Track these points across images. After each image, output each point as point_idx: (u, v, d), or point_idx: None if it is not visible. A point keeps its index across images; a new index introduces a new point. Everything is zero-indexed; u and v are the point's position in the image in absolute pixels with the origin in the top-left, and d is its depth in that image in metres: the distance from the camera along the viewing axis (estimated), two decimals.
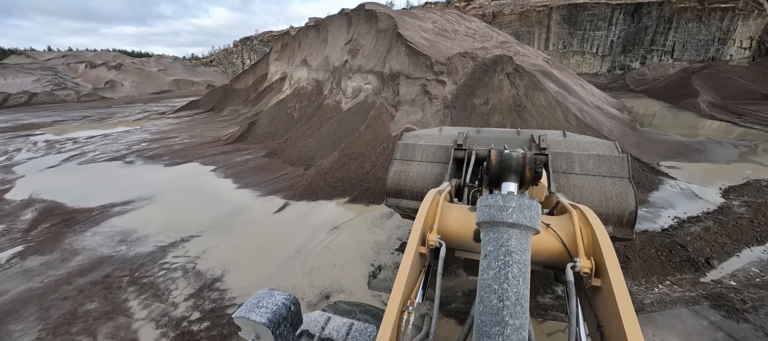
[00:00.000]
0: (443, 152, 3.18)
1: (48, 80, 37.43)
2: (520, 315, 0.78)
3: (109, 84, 38.74)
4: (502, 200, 0.93)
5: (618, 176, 2.68)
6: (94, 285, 3.90)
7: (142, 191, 6.97)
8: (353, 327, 1.23)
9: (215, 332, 3.11)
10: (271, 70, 20.34)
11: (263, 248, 4.58)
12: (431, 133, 3.58)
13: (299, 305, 1.09)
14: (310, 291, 3.64)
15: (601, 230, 1.18)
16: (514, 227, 0.90)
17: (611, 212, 2.56)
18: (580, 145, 3.02)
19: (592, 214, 1.28)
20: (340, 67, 10.97)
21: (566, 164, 2.83)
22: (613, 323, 0.95)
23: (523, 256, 0.87)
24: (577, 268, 1.10)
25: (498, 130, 3.70)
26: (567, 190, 2.70)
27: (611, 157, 2.77)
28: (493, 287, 0.82)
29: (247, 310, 1.03)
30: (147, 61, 48.84)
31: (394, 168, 3.29)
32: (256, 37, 57.76)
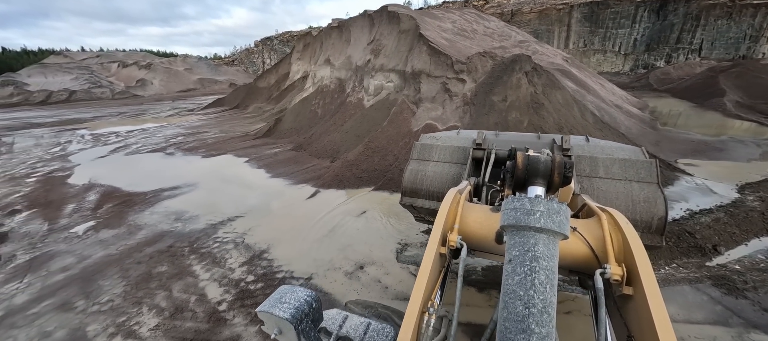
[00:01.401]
0: (461, 153, 3.15)
1: (85, 79, 40.01)
2: (547, 324, 0.75)
3: (140, 83, 40.99)
4: (530, 203, 0.90)
5: (646, 180, 2.57)
6: (161, 253, 4.56)
7: (186, 179, 7.71)
8: (371, 327, 1.21)
9: (269, 291, 3.66)
10: (293, 69, 21.13)
11: (300, 228, 5.13)
12: (449, 135, 3.53)
13: (321, 302, 1.10)
14: (346, 263, 4.15)
15: (634, 235, 1.14)
16: (541, 232, 0.87)
17: (639, 217, 2.46)
18: (604, 150, 2.87)
19: (623, 218, 1.23)
20: (363, 66, 11.48)
21: (590, 168, 2.71)
22: (646, 333, 0.92)
23: (551, 262, 0.84)
24: (607, 274, 1.06)
25: (518, 134, 3.59)
26: (591, 194, 2.60)
27: (638, 161, 2.65)
28: (519, 293, 0.79)
29: (271, 305, 1.05)
30: (174, 61, 51.25)
31: (410, 168, 3.28)
32: (276, 37, 59.30)
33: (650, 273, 1.00)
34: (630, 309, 1.05)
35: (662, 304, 0.92)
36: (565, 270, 1.32)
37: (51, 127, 17.37)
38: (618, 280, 1.07)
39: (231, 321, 3.26)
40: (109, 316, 3.39)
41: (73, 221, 5.69)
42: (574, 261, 1.24)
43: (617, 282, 1.07)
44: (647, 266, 1.02)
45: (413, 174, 3.21)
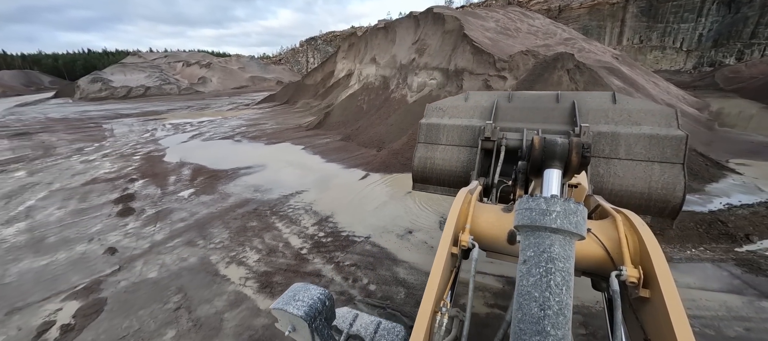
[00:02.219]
0: (470, 133, 2.94)
1: (156, 76, 45.37)
2: (563, 326, 0.74)
3: (201, 80, 45.58)
4: (545, 203, 0.88)
5: (670, 161, 2.38)
6: (249, 213, 5.74)
7: (256, 161, 9.06)
8: (381, 326, 1.21)
9: (337, 243, 4.61)
10: (338, 67, 22.50)
11: (356, 202, 6.06)
12: (456, 104, 3.25)
13: (333, 300, 1.11)
14: (396, 228, 4.97)
15: (650, 237, 1.13)
16: (557, 232, 0.85)
17: (653, 203, 2.37)
18: (631, 115, 2.61)
19: (638, 219, 1.23)
20: (407, 65, 12.27)
21: (610, 148, 2.51)
22: (664, 336, 0.91)
23: (567, 264, 0.82)
24: (623, 277, 1.05)
25: (533, 94, 3.23)
26: (605, 179, 2.47)
27: (666, 138, 2.41)
28: (534, 294, 0.79)
29: (285, 302, 1.05)
30: (229, 60, 56.07)
31: (418, 154, 3.17)
32: (319, 37, 62.13)
33: (668, 275, 0.98)
34: (646, 312, 1.03)
35: (681, 307, 0.89)
36: (578, 271, 1.29)
37: (136, 117, 20.38)
38: (634, 282, 1.05)
39: (312, 261, 4.24)
40: (223, 251, 4.55)
41: (178, 189, 7.16)
42: (588, 263, 1.22)
43: (633, 285, 1.05)
44: (665, 268, 1.00)
45: (422, 162, 3.12)
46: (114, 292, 3.77)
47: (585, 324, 3.03)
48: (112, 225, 5.48)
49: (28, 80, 76.29)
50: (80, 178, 8.18)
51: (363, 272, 3.95)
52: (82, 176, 8.30)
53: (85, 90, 40.12)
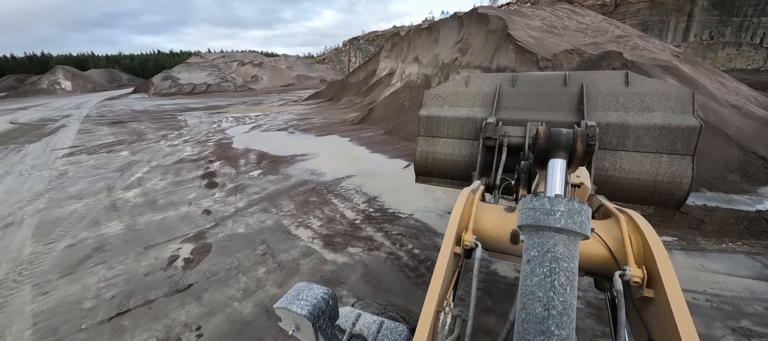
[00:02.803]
0: (471, 126, 2.86)
1: (216, 75, 50.04)
2: (567, 326, 0.74)
3: (254, 78, 49.45)
4: (550, 203, 0.87)
5: (679, 153, 2.31)
6: (309, 190, 6.72)
7: (309, 150, 10.18)
8: (384, 325, 1.21)
9: (385, 218, 5.37)
10: (380, 66, 23.42)
11: (400, 187, 6.78)
12: (457, 89, 3.15)
13: (337, 299, 1.10)
14: (438, 208, 5.60)
15: (654, 236, 1.13)
16: (561, 232, 0.84)
17: (657, 195, 2.36)
18: (644, 99, 2.47)
19: (642, 219, 1.24)
20: (449, 64, 12.73)
21: (617, 140, 2.41)
22: (668, 336, 0.91)
23: (572, 263, 0.81)
24: (627, 277, 1.05)
25: (538, 75, 3.04)
26: (610, 173, 2.42)
27: (678, 129, 2.29)
28: (538, 294, 0.78)
29: (288, 302, 1.04)
30: (278, 60, 60.01)
31: (420, 149, 3.15)
32: (362, 37, 63.92)
33: (672, 275, 0.98)
34: (650, 312, 1.03)
35: (685, 307, 0.90)
36: (581, 271, 1.28)
37: (203, 110, 23.03)
38: (638, 282, 1.05)
39: (364, 229, 5.03)
40: (292, 218, 5.52)
41: (248, 170, 8.43)
42: (592, 263, 1.22)
43: (637, 285, 1.05)
44: (669, 268, 1.00)
45: (424, 157, 3.10)
46: (215, 240, 4.87)
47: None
48: (202, 194, 6.78)
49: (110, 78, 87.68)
50: (170, 158, 9.87)
51: (408, 239, 4.65)
52: (171, 157, 10.01)
53: (158, 86, 45.53)
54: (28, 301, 3.63)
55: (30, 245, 4.93)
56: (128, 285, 3.86)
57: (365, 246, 4.51)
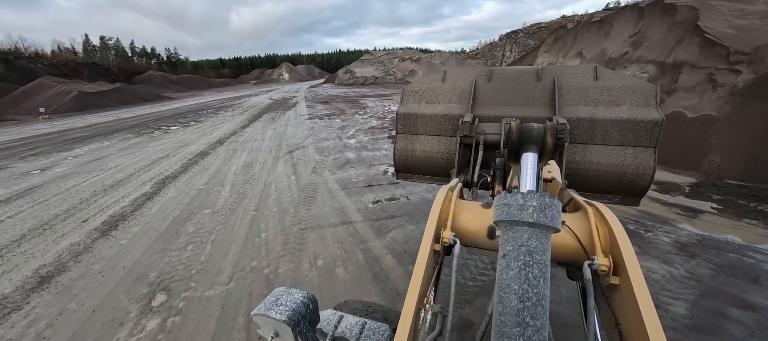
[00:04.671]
0: (449, 123, 2.86)
1: (381, 70, 59.46)
2: (541, 316, 0.77)
3: (411, 73, 55.96)
4: (523, 198, 0.89)
5: (643, 145, 2.41)
6: None
7: None
8: (366, 326, 1.20)
9: None
10: (538, 60, 23.07)
11: None
12: (433, 85, 3.14)
13: (317, 303, 1.07)
14: None
15: (619, 227, 1.18)
16: (534, 226, 0.86)
17: (624, 185, 2.46)
18: (612, 92, 2.56)
19: (608, 211, 1.28)
20: (617, 58, 12.25)
21: (587, 134, 2.49)
22: (632, 320, 0.95)
23: (544, 256, 0.84)
24: (595, 266, 1.10)
25: (513, 71, 3.04)
26: (581, 166, 2.50)
27: (642, 122, 2.38)
28: (513, 287, 0.80)
29: (266, 308, 1.00)
30: (432, 56, 64.94)
31: (398, 146, 3.15)
32: (522, 30, 60.52)
33: (635, 262, 1.03)
34: (617, 298, 1.08)
35: (647, 292, 0.95)
36: (554, 262, 1.34)
37: (374, 97, 29.14)
38: (605, 270, 1.10)
39: None
40: None
41: None
42: (564, 254, 1.28)
43: (604, 273, 1.10)
44: (632, 256, 1.05)
45: (403, 154, 3.11)
46: None
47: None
48: (390, 146, 10.33)
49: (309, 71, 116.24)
50: (365, 125, 14.41)
51: None
52: (365, 125, 14.56)
53: (341, 78, 58.28)
54: (330, 178, 7.64)
55: (317, 156, 9.49)
56: (368, 179, 7.38)
57: None
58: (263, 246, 4.54)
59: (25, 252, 4.64)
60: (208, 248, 4.53)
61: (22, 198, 6.94)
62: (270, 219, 5.40)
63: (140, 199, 6.57)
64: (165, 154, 10.55)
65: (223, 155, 9.97)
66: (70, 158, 10.55)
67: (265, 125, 15.94)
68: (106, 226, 5.40)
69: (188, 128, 16.27)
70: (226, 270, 4.00)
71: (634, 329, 0.92)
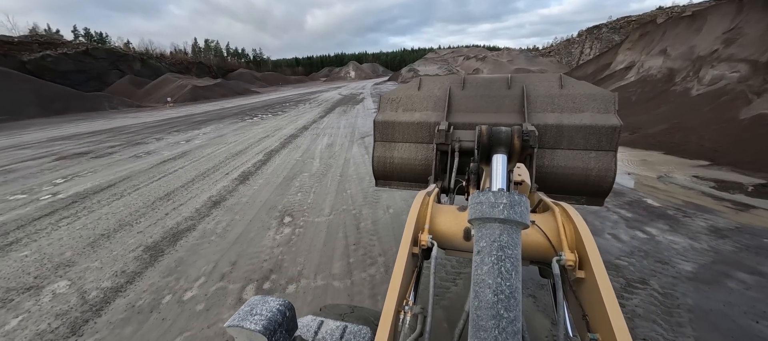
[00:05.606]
0: (425, 130, 2.90)
1: (445, 68, 59.51)
2: (515, 308, 0.80)
3: (475, 71, 54.99)
4: (494, 197, 0.94)
5: (604, 149, 2.54)
6: None
7: None
8: (347, 330, 1.18)
9: None
10: (617, 59, 21.47)
11: None
12: (410, 93, 3.19)
13: (294, 310, 1.04)
14: (642, 171, 7.27)
15: (583, 225, 1.24)
16: (505, 222, 0.91)
17: (589, 187, 2.59)
18: (575, 100, 2.70)
19: (573, 210, 1.35)
20: (705, 56, 11.36)
21: (554, 140, 2.63)
22: (597, 310, 1.00)
23: (515, 251, 0.88)
24: (563, 261, 1.16)
25: (485, 79, 3.17)
26: (550, 170, 2.62)
27: (603, 128, 2.51)
28: (488, 281, 0.83)
29: (240, 318, 0.96)
30: (500, 53, 62.61)
31: (377, 154, 3.15)
32: (606, 24, 54.70)
33: (598, 257, 1.10)
34: (583, 291, 1.14)
35: (609, 284, 1.00)
36: (527, 260, 1.40)
37: None
38: (572, 265, 1.16)
39: None
40: None
41: None
42: (535, 252, 1.34)
43: (571, 267, 1.17)
44: (595, 251, 1.11)
45: (381, 161, 3.14)
46: None
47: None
48: None
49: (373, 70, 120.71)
50: None
51: None
52: None
53: (404, 76, 59.97)
54: None
55: None
56: None
57: None
58: (350, 198, 6.18)
59: (198, 188, 7.05)
60: (312, 196, 6.34)
61: (182, 158, 9.87)
62: (352, 182, 7.07)
63: (258, 163, 8.89)
64: (266, 135, 13.26)
65: (309, 138, 12.20)
66: (201, 135, 13.94)
67: (339, 116, 18.23)
68: (242, 177, 7.68)
69: (278, 116, 19.46)
70: (326, 209, 5.71)
71: (599, 318, 0.95)
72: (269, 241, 4.70)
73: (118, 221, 5.52)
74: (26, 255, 4.54)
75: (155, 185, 7.38)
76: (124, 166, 9.22)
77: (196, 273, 3.97)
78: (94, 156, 10.70)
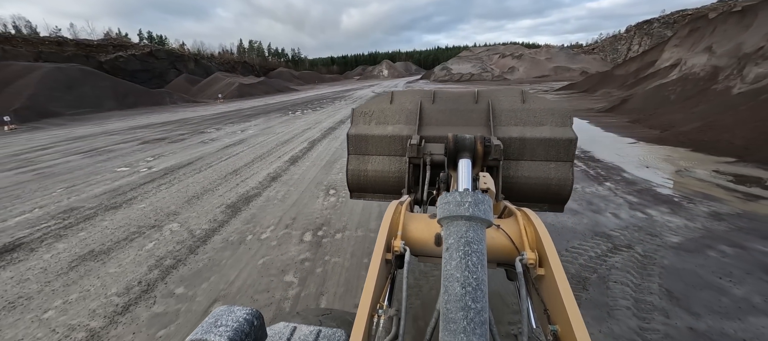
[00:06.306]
0: (398, 143, 2.99)
1: (479, 66, 58.75)
2: (481, 299, 0.83)
3: (510, 70, 53.77)
4: (460, 196, 1.00)
5: (563, 160, 2.72)
6: None
7: None
8: (321, 334, 1.16)
9: (590, 160, 8.15)
10: (663, 56, 20.53)
11: (613, 150, 8.87)
12: (382, 106, 3.26)
13: (262, 319, 1.00)
14: (636, 163, 7.61)
15: (542, 226, 1.33)
16: (471, 220, 0.97)
17: (550, 196, 2.76)
18: (536, 115, 2.87)
19: (533, 214, 1.43)
20: (752, 53, 10.96)
21: (518, 152, 2.79)
22: (555, 304, 1.07)
23: (480, 246, 0.93)
24: (525, 260, 1.23)
25: (454, 93, 3.33)
26: (514, 180, 2.77)
27: (561, 141, 2.69)
28: (456, 275, 0.87)
29: (204, 331, 0.89)
30: (538, 51, 60.51)
31: (351, 167, 3.19)
32: (658, 19, 50.88)
33: (555, 255, 1.18)
34: (543, 287, 1.22)
35: (566, 279, 1.08)
36: (495, 262, 1.47)
37: None
38: (532, 263, 1.24)
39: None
40: None
41: None
42: (501, 254, 1.41)
43: (532, 265, 1.24)
44: (553, 250, 1.20)
45: (355, 175, 3.17)
46: None
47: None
48: None
49: (406, 68, 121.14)
50: None
51: (606, 174, 7.40)
52: None
53: (436, 75, 60.10)
54: None
55: None
56: None
57: None
58: None
59: (257, 167, 8.50)
60: None
61: (241, 144, 11.55)
62: None
63: (303, 149, 10.28)
64: (308, 127, 14.78)
65: (346, 130, 13.48)
66: (253, 126, 15.80)
67: None
68: (292, 160, 9.06)
69: (316, 111, 21.13)
70: None
71: (558, 311, 1.04)
72: (319, 205, 5.89)
73: (203, 188, 7.05)
74: (144, 207, 6.12)
75: (224, 164, 8.97)
76: (195, 149, 11.06)
77: (267, 223, 5.25)
78: (170, 141, 12.77)
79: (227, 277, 3.86)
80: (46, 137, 15.45)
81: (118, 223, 5.46)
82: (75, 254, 4.49)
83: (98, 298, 3.56)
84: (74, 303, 3.50)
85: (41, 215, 5.92)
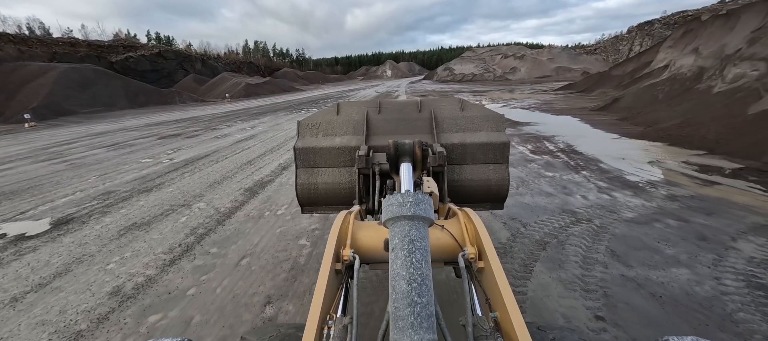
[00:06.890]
0: (347, 154, 3.01)
1: (481, 66, 59.35)
2: (427, 293, 0.86)
3: (512, 70, 54.34)
4: (402, 197, 1.03)
5: (499, 162, 2.91)
6: (531, 137, 11.01)
7: (540, 121, 14.01)
8: None
9: (572, 153, 8.89)
10: (658, 57, 21.12)
11: (599, 144, 9.59)
12: (329, 118, 3.26)
13: None
14: (615, 155, 8.33)
15: (480, 223, 1.43)
16: (413, 219, 1.01)
17: (490, 195, 2.96)
18: (474, 121, 3.03)
19: (473, 213, 1.53)
20: (732, 55, 11.60)
21: (460, 157, 2.93)
22: (494, 293, 1.15)
23: (423, 243, 0.97)
24: (466, 255, 1.32)
25: (399, 103, 3.42)
26: (459, 183, 2.90)
27: (496, 144, 2.89)
28: (402, 273, 0.90)
29: None
30: (540, 52, 61.01)
31: (300, 181, 3.14)
32: (659, 20, 51.20)
33: (492, 249, 1.27)
34: (484, 279, 1.31)
35: (502, 270, 1.17)
36: (441, 261, 1.53)
37: (469, 93, 30.96)
38: (473, 257, 1.33)
39: (559, 156, 8.88)
40: (523, 144, 10.23)
41: None
42: (446, 253, 1.48)
43: (473, 259, 1.33)
44: (490, 244, 1.29)
45: (306, 189, 3.14)
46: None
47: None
48: None
49: (409, 68, 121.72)
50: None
51: (584, 164, 8.13)
52: None
53: (439, 75, 60.78)
54: None
55: None
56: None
57: (551, 158, 8.53)
58: None
59: (269, 158, 9.35)
60: None
61: (252, 139, 12.42)
62: None
63: None
64: None
65: None
66: (261, 123, 16.70)
67: None
68: None
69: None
70: None
71: (497, 300, 1.11)
72: None
73: (222, 176, 7.90)
74: (172, 190, 6.97)
75: (238, 156, 9.83)
76: (210, 144, 11.95)
77: (282, 202, 6.07)
78: (185, 137, 13.69)
79: (251, 241, 4.68)
80: (67, 133, 16.46)
81: (152, 203, 6.31)
82: (121, 226, 5.35)
83: (148, 255, 4.40)
84: (130, 258, 4.34)
85: (83, 197, 6.79)
